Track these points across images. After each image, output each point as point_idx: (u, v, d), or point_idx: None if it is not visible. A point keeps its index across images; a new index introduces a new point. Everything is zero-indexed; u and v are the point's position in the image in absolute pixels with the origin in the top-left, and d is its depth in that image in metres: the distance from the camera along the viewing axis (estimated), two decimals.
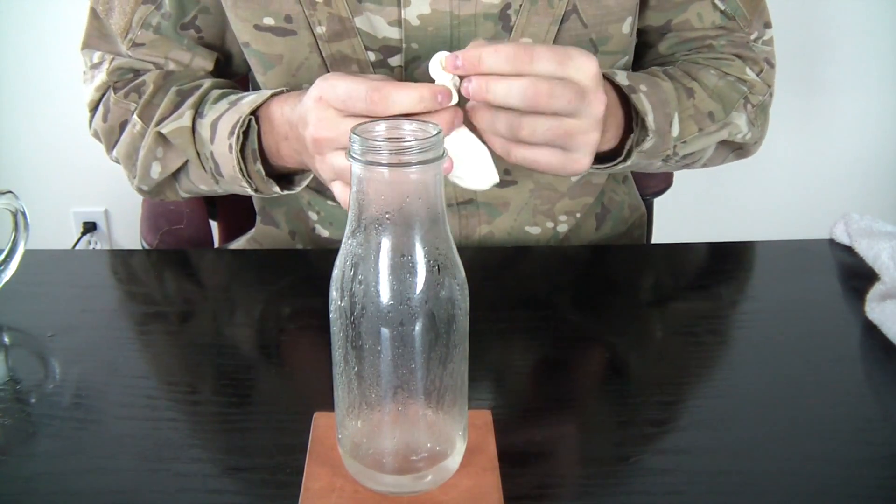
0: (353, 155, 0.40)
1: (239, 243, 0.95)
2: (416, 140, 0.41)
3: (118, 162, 0.83)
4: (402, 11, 0.70)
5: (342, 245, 0.43)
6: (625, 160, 0.71)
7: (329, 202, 0.83)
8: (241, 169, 0.71)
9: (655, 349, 0.61)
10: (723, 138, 0.78)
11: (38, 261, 0.70)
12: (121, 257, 0.78)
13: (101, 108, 0.81)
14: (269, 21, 0.73)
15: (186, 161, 0.76)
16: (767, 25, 0.84)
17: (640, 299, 0.69)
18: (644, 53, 0.85)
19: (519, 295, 0.69)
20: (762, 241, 0.76)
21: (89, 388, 0.56)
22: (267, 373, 0.58)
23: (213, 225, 1.12)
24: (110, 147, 0.82)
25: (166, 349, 0.62)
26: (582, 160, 0.61)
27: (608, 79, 0.69)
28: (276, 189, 0.72)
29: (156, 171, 0.78)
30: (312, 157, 0.62)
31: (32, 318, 0.65)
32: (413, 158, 0.40)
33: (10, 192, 0.63)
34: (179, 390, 0.56)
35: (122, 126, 0.79)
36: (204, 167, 0.75)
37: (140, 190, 0.83)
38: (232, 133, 0.70)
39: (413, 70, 0.73)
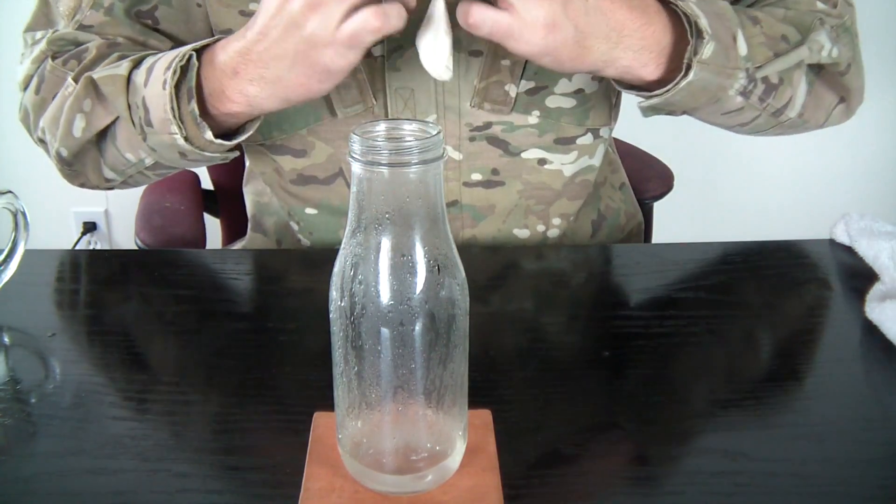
0: (353, 155, 0.40)
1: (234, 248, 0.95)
2: (416, 140, 0.41)
3: (42, 139, 0.76)
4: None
5: (342, 245, 0.43)
6: (686, 74, 0.66)
7: (307, 210, 0.81)
8: (172, 108, 0.65)
9: (655, 349, 0.61)
10: (803, 58, 0.71)
11: (38, 261, 0.70)
12: (121, 257, 0.78)
13: (34, 81, 0.75)
14: (255, 6, 0.71)
15: (115, 121, 0.70)
16: None
17: (640, 299, 0.69)
18: None
19: (520, 294, 0.69)
20: (762, 241, 0.76)
21: (89, 388, 0.56)
22: (267, 373, 0.58)
23: (216, 223, 1.12)
24: (37, 122, 0.75)
25: (166, 349, 0.62)
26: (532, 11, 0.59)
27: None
28: (209, 135, 0.67)
29: (79, 126, 0.71)
30: (306, 21, 0.60)
31: (32, 318, 0.65)
32: (413, 158, 0.40)
33: (10, 192, 0.63)
34: (179, 390, 0.56)
35: (55, 98, 0.73)
36: (133, 120, 0.69)
37: (59, 157, 0.75)
38: (168, 68, 0.65)
39: (395, 59, 0.72)
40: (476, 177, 0.78)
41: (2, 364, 0.59)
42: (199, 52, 0.67)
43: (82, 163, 0.75)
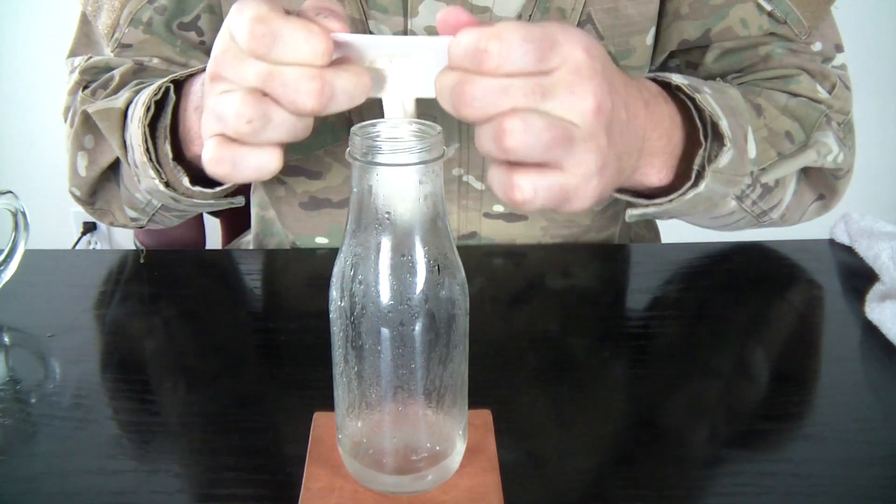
0: (354, 155, 0.40)
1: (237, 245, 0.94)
2: (417, 140, 0.41)
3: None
4: (409, 22, 0.65)
5: (342, 245, 0.43)
6: (695, 184, 0.56)
7: (317, 239, 0.77)
8: (147, 150, 0.59)
9: (655, 349, 0.61)
10: (811, 161, 0.64)
11: (38, 261, 0.70)
12: (120, 257, 0.78)
13: (70, 113, 0.71)
14: None
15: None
16: (839, 48, 0.71)
17: (640, 299, 0.69)
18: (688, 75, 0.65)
19: (520, 294, 0.69)
20: (762, 241, 0.76)
21: (89, 388, 0.56)
22: (267, 373, 0.58)
23: (216, 223, 1.12)
24: None
25: (166, 349, 0.62)
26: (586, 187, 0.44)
27: (659, 82, 0.58)
28: (186, 182, 0.60)
29: (82, 164, 0.67)
30: (203, 100, 0.48)
31: (32, 318, 0.65)
32: (413, 158, 0.40)
33: (10, 192, 0.63)
34: (179, 390, 0.56)
35: None
36: (127, 159, 0.63)
37: (75, 197, 0.71)
38: (144, 103, 0.59)
39: None
40: (498, 209, 0.74)
41: (2, 364, 0.59)
42: (181, 83, 0.61)
43: (105, 200, 0.72)
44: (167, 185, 0.61)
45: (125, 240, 1.98)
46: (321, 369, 0.49)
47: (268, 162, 0.45)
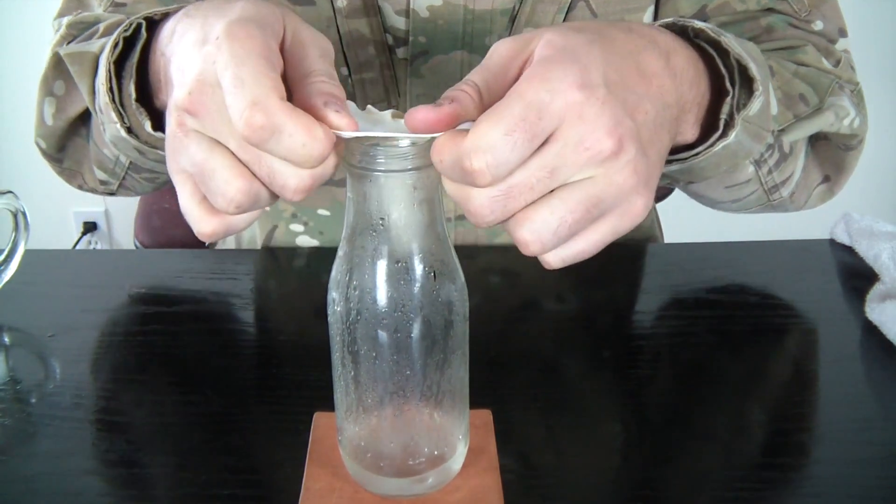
0: (348, 161, 0.40)
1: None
2: (412, 145, 0.40)
3: None
4: (411, 0, 0.65)
5: (339, 249, 0.42)
6: (724, 135, 0.50)
7: (319, 211, 0.75)
8: (109, 88, 0.53)
9: (655, 349, 0.61)
10: (828, 124, 0.61)
11: (38, 261, 0.70)
12: (121, 257, 0.78)
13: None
14: None
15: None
16: (843, 33, 0.69)
17: (640, 299, 0.69)
18: None
19: (521, 294, 0.69)
20: (762, 241, 0.75)
21: (89, 388, 0.56)
22: (267, 373, 0.58)
23: None
24: None
25: (166, 349, 0.62)
26: (637, 203, 0.41)
27: (682, 26, 0.51)
28: (148, 127, 0.53)
29: (49, 112, 0.63)
30: (171, 119, 0.41)
31: (32, 318, 0.65)
32: (408, 164, 0.39)
33: (11, 192, 0.63)
34: (179, 390, 0.56)
35: None
36: (94, 107, 0.58)
37: (40, 150, 0.66)
38: (113, 39, 0.54)
39: (419, 66, 0.68)
40: None
41: (2, 364, 0.59)
42: (156, 22, 0.54)
43: (74, 160, 0.68)
44: (129, 130, 0.55)
45: (125, 240, 1.98)
46: (321, 369, 0.49)
47: (258, 214, 0.43)
